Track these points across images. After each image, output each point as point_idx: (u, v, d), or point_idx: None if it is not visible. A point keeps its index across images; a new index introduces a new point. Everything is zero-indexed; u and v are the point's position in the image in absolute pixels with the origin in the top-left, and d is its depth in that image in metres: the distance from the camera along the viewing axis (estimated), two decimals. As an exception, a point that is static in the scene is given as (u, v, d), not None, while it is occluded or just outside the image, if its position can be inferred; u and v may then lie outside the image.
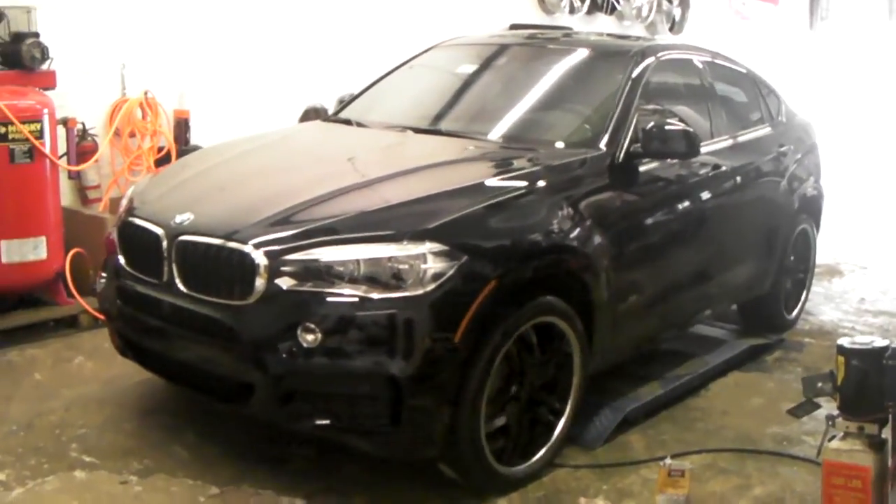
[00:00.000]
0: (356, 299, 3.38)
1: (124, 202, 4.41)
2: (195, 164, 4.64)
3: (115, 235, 4.20)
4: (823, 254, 6.69)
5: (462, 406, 3.48)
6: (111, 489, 3.74)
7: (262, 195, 3.91)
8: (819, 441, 3.11)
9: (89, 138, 6.26)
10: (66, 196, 6.07)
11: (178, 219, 3.78)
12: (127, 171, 6.43)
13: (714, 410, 4.78)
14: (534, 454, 3.87)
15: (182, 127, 6.70)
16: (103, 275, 4.30)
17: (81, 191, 6.38)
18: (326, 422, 3.49)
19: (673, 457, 4.02)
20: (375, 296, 3.38)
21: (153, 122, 6.53)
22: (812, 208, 6.20)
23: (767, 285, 5.73)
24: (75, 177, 6.05)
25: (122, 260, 4.08)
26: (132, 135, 6.46)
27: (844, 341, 3.15)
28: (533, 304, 3.73)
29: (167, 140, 6.61)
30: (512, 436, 3.80)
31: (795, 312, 6.26)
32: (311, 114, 6.27)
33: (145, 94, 6.49)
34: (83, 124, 6.13)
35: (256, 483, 3.75)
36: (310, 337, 3.39)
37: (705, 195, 4.89)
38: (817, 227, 6.37)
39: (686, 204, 4.72)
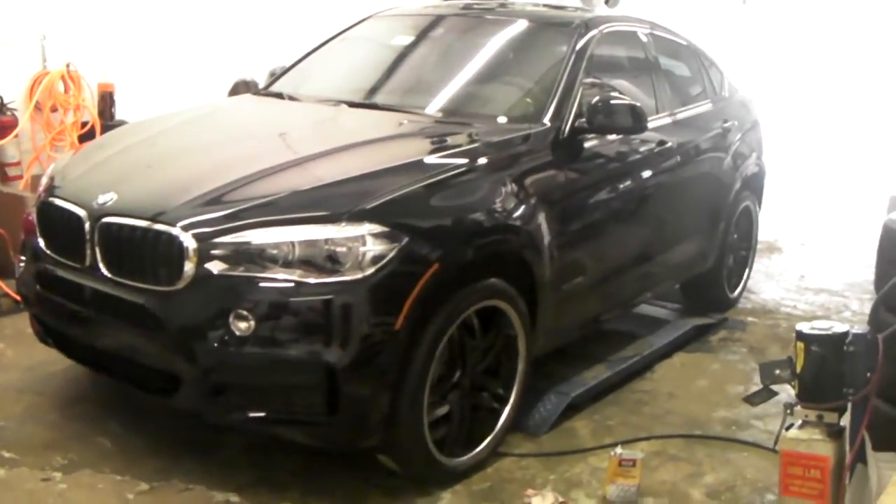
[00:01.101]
0: (291, 284, 3.19)
1: (44, 180, 4.14)
2: (120, 140, 4.37)
3: (34, 216, 3.94)
4: (763, 231, 6.62)
5: (403, 394, 3.32)
6: (33, 487, 3.50)
7: (190, 174, 3.68)
8: (772, 426, 3.03)
9: (8, 113, 5.93)
10: (-18, 174, 5.74)
11: (101, 199, 3.54)
12: (49, 148, 6.13)
13: (660, 393, 4.68)
14: (478, 443, 3.73)
15: (107, 101, 6.42)
16: (22, 258, 4.02)
17: (1, 168, 6.04)
18: (260, 414, 3.30)
19: (622, 444, 3.92)
20: (312, 280, 3.19)
21: (76, 95, 6.24)
22: (754, 185, 6.13)
23: (710, 263, 5.65)
24: (-8, 154, 5.72)
25: (41, 242, 3.83)
26: (54, 109, 6.16)
27: (804, 327, 3.02)
28: (476, 287, 3.57)
29: (91, 115, 6.33)
30: (454, 424, 3.66)
31: (738, 291, 6.20)
32: (241, 87, 6.02)
33: (67, 66, 6.18)
34: (0, 98, 5.78)
35: (186, 476, 3.57)
36: (242, 325, 3.19)
37: (648, 172, 4.76)
38: (759, 204, 6.30)
39: (629, 181, 4.60)
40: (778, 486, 3.08)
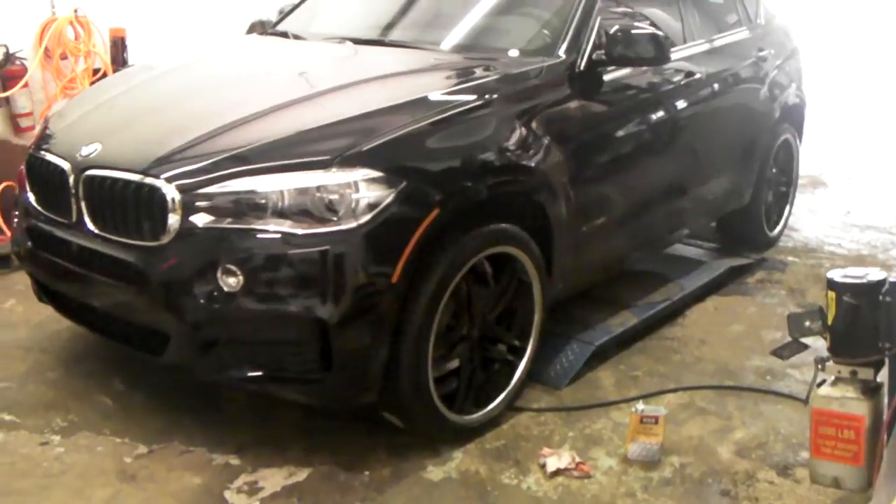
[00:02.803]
0: (280, 236, 2.99)
1: (37, 131, 3.95)
2: (111, 88, 4.15)
3: (23, 169, 3.74)
4: (807, 165, 6.25)
5: (403, 349, 3.13)
6: (30, 451, 3.35)
7: (176, 122, 3.46)
8: (809, 376, 2.74)
9: (17, 62, 5.73)
10: (-4, 125, 5.55)
11: (85, 151, 3.35)
12: (60, 96, 5.91)
13: (691, 340, 4.41)
14: (491, 399, 3.53)
15: (118, 46, 6.20)
16: (16, 213, 3.84)
17: (12, 119, 5.87)
18: (253, 372, 3.12)
19: (647, 397, 3.72)
20: (302, 231, 2.98)
21: (86, 41, 6.02)
22: (794, 117, 5.77)
23: (746, 199, 5.35)
24: (1, 104, 5.52)
25: (31, 197, 3.64)
26: (64, 57, 5.95)
27: (835, 274, 2.73)
28: (483, 233, 3.33)
29: (103, 61, 6.10)
30: (464, 379, 3.44)
31: (778, 229, 5.88)
32: (258, 28, 5.70)
33: (75, 12, 5.95)
34: (6, 47, 5.59)
35: (186, 437, 3.42)
36: (230, 280, 3.00)
37: (678, 104, 4.45)
38: (800, 136, 5.93)
39: (657, 114, 4.28)
40: (809, 446, 2.82)
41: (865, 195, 7.19)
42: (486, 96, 3.50)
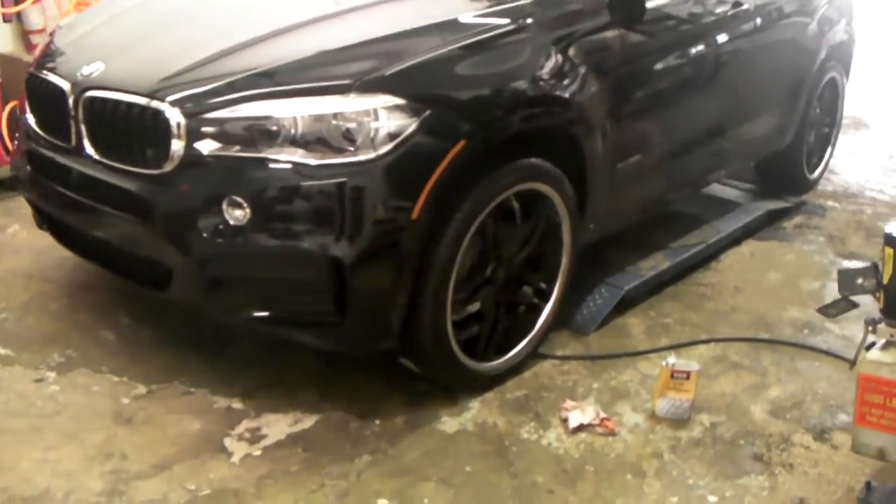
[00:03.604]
0: (292, 166, 2.76)
1: (39, 48, 3.72)
2: (123, 2, 3.86)
3: (24, 89, 3.52)
4: (849, 104, 5.89)
5: (423, 291, 2.92)
6: (23, 388, 3.16)
7: (186, 41, 3.21)
8: (849, 332, 2.57)
9: (27, -25, 5.44)
10: (6, 41, 5.34)
11: (86, 70, 3.13)
12: (73, 12, 5.61)
13: (725, 287, 4.16)
14: (514, 345, 3.34)
15: (136, -40, 5.81)
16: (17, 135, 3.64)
17: (24, 35, 5.59)
18: (263, 313, 2.93)
19: (677, 348, 3.52)
20: (316, 161, 2.76)
21: (101, -45, 5.64)
22: (842, 54, 5.42)
23: (788, 140, 5.04)
24: (10, 19, 5.25)
25: (31, 119, 3.42)
26: (78, -31, 5.62)
27: (894, 229, 2.45)
28: (512, 168, 3.10)
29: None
30: (487, 324, 3.24)
31: (818, 171, 5.57)
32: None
33: (88, -79, 5.61)
34: (12, -42, 5.30)
35: (190, 377, 3.22)
36: (237, 212, 2.79)
37: (720, 37, 4.12)
38: (847, 75, 5.59)
39: (699, 47, 3.96)
40: (853, 411, 2.60)
41: (909, 139, 6.81)
42: (521, 21, 3.24)
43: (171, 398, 3.14)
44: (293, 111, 2.78)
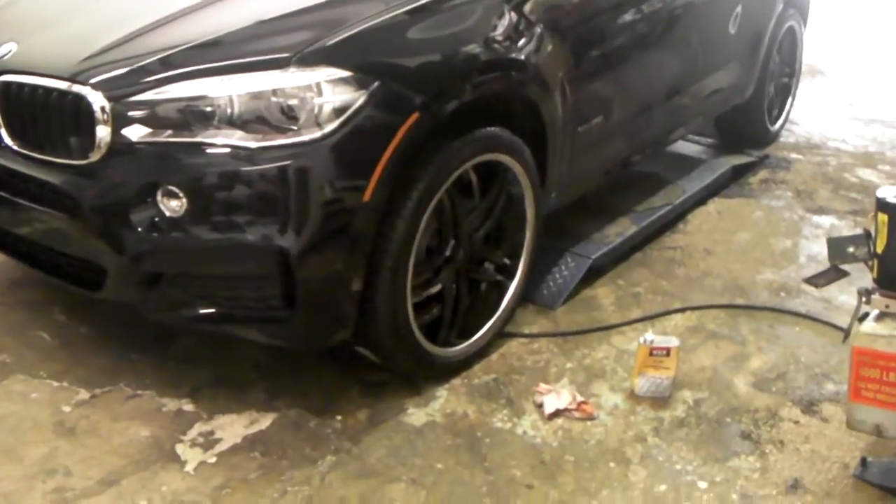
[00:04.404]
0: (230, 150, 2.53)
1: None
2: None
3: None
4: (805, 53, 5.71)
5: (380, 276, 2.72)
6: (-48, 403, 2.88)
7: (107, 17, 2.94)
8: (828, 294, 2.38)
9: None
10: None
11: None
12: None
13: (695, 250, 3.99)
14: (479, 328, 3.14)
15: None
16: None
17: None
18: (206, 310, 2.71)
19: (651, 319, 3.39)
20: (256, 144, 2.52)
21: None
22: (800, 2, 5.27)
23: (749, 92, 4.89)
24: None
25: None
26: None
27: (887, 193, 2.27)
28: (470, 139, 2.89)
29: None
30: (448, 306, 3.04)
31: (779, 123, 5.41)
32: None
33: None
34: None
35: (134, 378, 2.98)
36: (173, 203, 2.56)
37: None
38: (805, 23, 5.43)
39: (655, 2, 3.78)
40: (848, 387, 2.44)
41: (867, 86, 6.70)
42: (472, -21, 2.96)
43: (115, 403, 2.89)
44: (228, 89, 2.54)
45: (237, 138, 2.52)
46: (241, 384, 2.98)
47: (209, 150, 2.53)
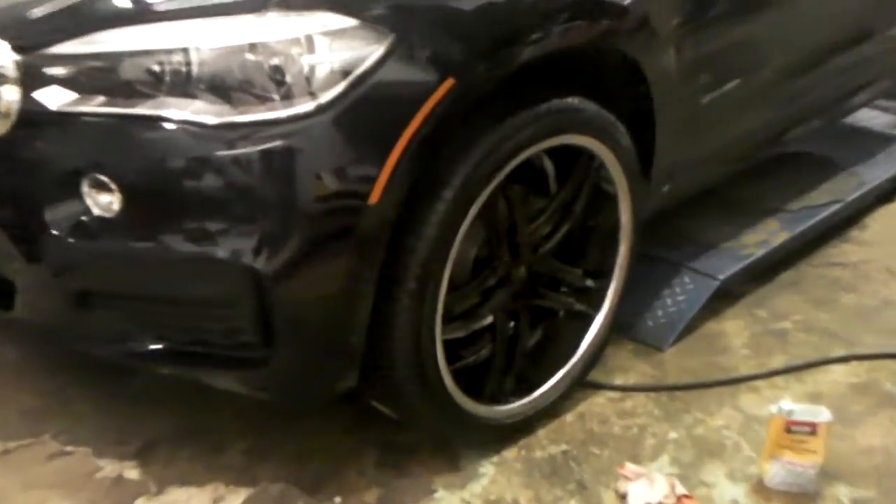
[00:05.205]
0: (183, 126, 2.43)
1: None
2: None
3: None
4: None
5: (396, 305, 2.63)
6: None
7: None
8: None
9: None
10: None
11: None
12: None
13: (874, 269, 3.92)
14: (547, 376, 3.08)
15: None
16: None
17: None
18: (153, 346, 2.66)
19: (799, 371, 3.32)
20: (219, 119, 2.42)
21: None
22: None
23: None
24: None
25: None
26: None
27: None
28: (534, 115, 2.75)
29: None
30: (500, 349, 2.98)
31: None
32: None
33: None
34: None
35: (65, 427, 3.00)
36: (103, 198, 2.48)
37: None
38: None
39: None
40: None
41: None
42: None
43: (35, 462, 2.87)
44: (184, 41, 2.46)
45: (195, 111, 2.43)
46: (212, 441, 2.95)
47: (155, 127, 2.45)
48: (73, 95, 2.50)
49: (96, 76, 2.49)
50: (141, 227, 2.49)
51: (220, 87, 2.44)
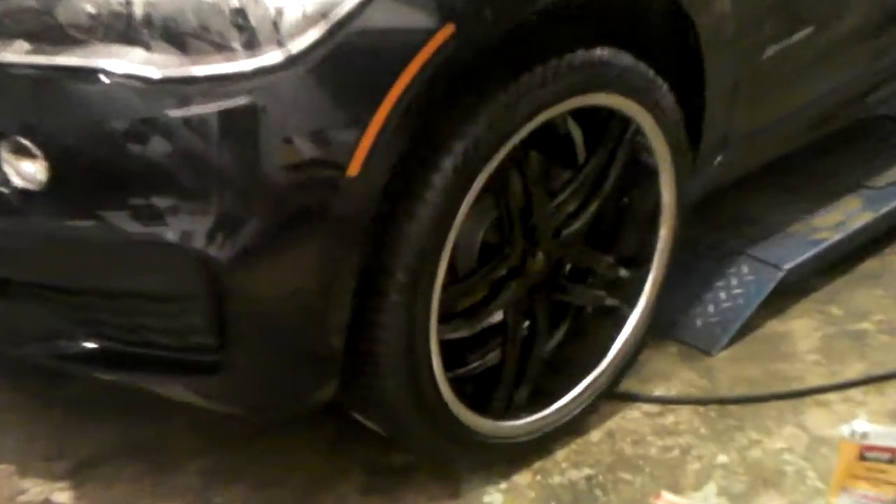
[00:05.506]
0: (125, 80, 2.36)
1: None
2: None
3: None
4: None
5: (383, 300, 2.58)
6: None
7: None
8: None
9: None
10: None
11: None
12: None
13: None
14: (568, 386, 3.01)
15: None
16: None
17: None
18: (87, 346, 2.63)
19: (878, 382, 3.22)
20: (167, 72, 2.35)
21: None
22: None
23: None
24: None
25: None
26: None
27: None
28: (556, 70, 2.67)
29: None
30: (512, 348, 2.91)
31: None
32: None
33: None
34: None
35: (15, 452, 2.98)
36: (26, 167, 2.43)
37: None
38: None
39: None
40: None
41: None
42: None
43: None
44: None
45: (139, 61, 2.36)
46: (161, 459, 2.92)
47: (90, 81, 2.39)
48: (-10, 41, 2.47)
49: (20, 19, 2.47)
50: (71, 203, 2.46)
51: (169, 34, 2.39)
